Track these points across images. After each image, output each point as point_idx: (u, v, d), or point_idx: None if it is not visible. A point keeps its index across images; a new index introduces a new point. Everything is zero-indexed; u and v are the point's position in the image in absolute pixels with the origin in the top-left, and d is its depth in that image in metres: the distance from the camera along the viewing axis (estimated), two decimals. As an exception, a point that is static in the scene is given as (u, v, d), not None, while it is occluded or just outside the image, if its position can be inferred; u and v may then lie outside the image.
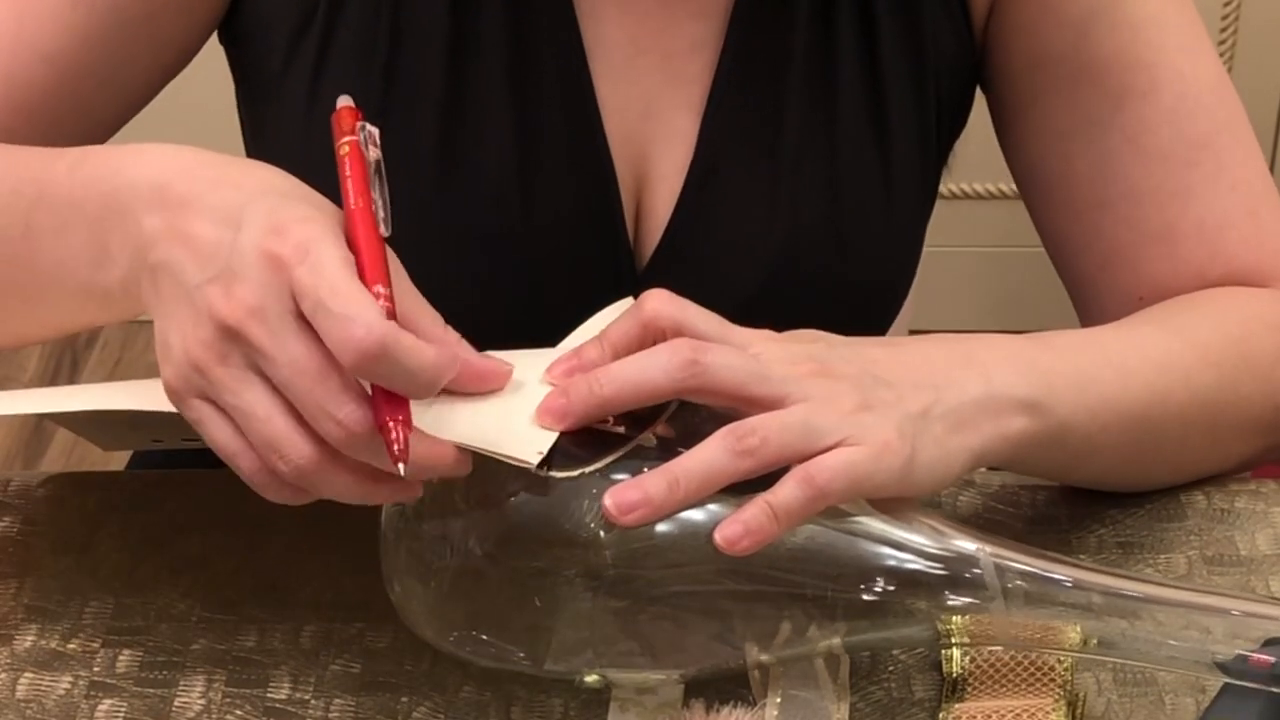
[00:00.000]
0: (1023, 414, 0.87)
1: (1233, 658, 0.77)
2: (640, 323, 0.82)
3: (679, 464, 0.78)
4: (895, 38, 1.03)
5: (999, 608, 0.80)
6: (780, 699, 0.82)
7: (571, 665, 0.81)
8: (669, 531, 0.78)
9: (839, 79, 1.03)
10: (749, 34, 1.02)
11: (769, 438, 0.79)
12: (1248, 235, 1.02)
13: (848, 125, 1.04)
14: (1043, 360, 0.90)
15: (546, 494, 0.78)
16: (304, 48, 1.01)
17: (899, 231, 1.08)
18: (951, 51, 1.05)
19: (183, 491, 0.98)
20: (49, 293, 0.88)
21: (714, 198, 1.03)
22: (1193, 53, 1.03)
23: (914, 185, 1.07)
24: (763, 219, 1.03)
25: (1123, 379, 0.92)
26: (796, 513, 0.78)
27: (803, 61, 1.02)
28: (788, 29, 1.02)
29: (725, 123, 1.03)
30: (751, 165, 1.03)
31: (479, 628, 0.80)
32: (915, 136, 1.06)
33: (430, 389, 0.75)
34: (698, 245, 1.03)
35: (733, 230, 1.03)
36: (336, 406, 0.75)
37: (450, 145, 1.01)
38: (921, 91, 1.05)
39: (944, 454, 0.84)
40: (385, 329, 0.73)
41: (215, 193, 0.79)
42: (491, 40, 1.00)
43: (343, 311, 0.74)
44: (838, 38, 1.03)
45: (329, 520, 0.95)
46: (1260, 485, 0.99)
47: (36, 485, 0.99)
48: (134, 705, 0.86)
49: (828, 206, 1.04)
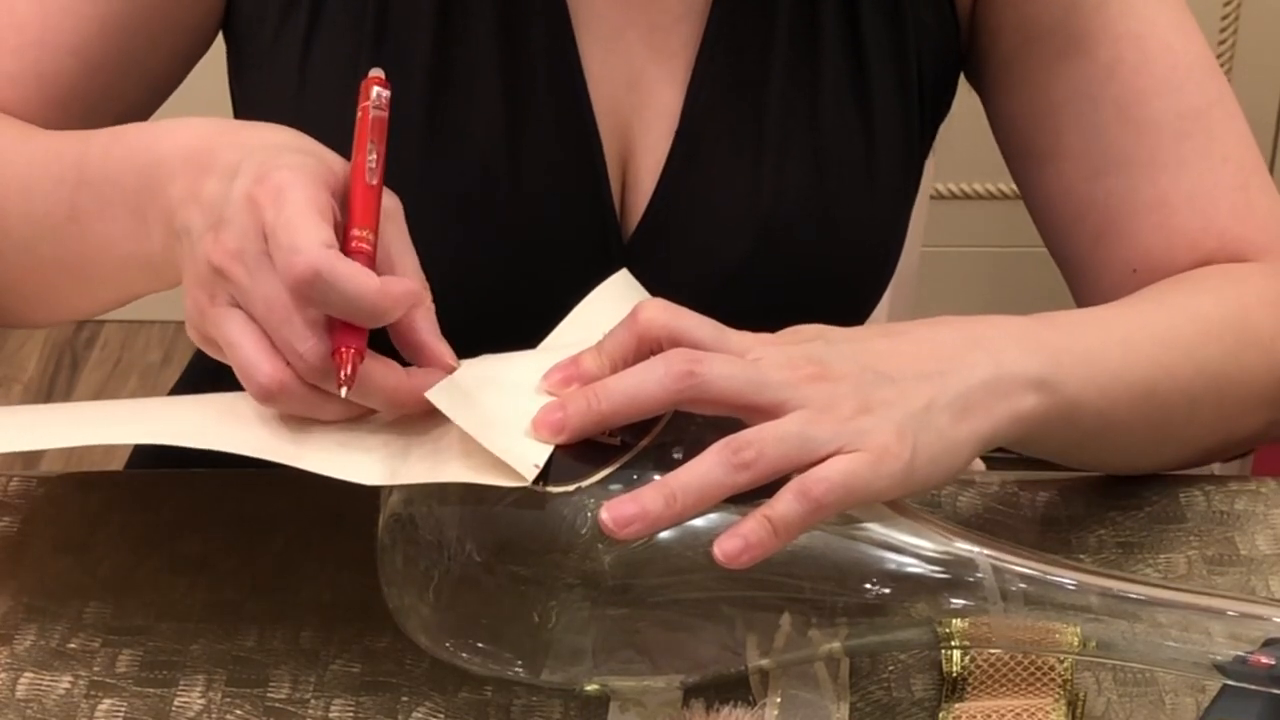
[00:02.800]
0: (1033, 392, 0.87)
1: (1232, 659, 0.77)
2: (635, 334, 0.82)
3: (675, 478, 0.78)
4: (877, 14, 1.04)
5: (998, 610, 0.80)
6: (780, 699, 0.82)
7: (569, 674, 0.80)
8: (666, 540, 0.78)
9: (822, 54, 1.04)
10: (734, 7, 1.03)
11: (765, 450, 0.78)
12: (1239, 207, 1.03)
13: (830, 99, 1.04)
14: (1051, 338, 0.90)
15: (543, 505, 0.78)
16: (294, 18, 1.02)
17: (882, 208, 1.08)
18: (934, 31, 1.06)
19: (183, 491, 0.98)
20: (99, 267, 0.93)
21: (698, 169, 1.04)
22: (1180, 29, 1.04)
23: (897, 162, 1.07)
24: (747, 191, 1.04)
25: (1129, 354, 0.93)
26: (795, 525, 0.78)
27: (786, 35, 1.04)
28: (772, 4, 1.03)
29: (709, 95, 1.04)
30: (736, 137, 1.04)
31: (476, 636, 0.80)
32: (898, 113, 1.06)
33: (374, 317, 0.80)
34: (682, 216, 1.04)
35: (717, 202, 1.04)
36: (299, 341, 0.80)
37: (438, 114, 1.02)
38: (903, 69, 1.06)
39: (949, 445, 0.83)
40: (320, 257, 0.79)
41: (225, 153, 0.85)
42: (479, 10, 1.01)
43: (287, 242, 0.79)
44: (820, 13, 1.04)
45: (329, 520, 0.95)
46: (1260, 485, 0.99)
47: (36, 485, 0.99)
48: (134, 705, 0.86)
49: (811, 179, 1.04)
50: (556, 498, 0.78)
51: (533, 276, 1.02)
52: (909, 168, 1.09)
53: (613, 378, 0.80)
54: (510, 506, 0.78)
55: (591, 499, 0.78)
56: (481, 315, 0.85)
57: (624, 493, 0.77)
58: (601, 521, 0.76)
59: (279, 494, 0.97)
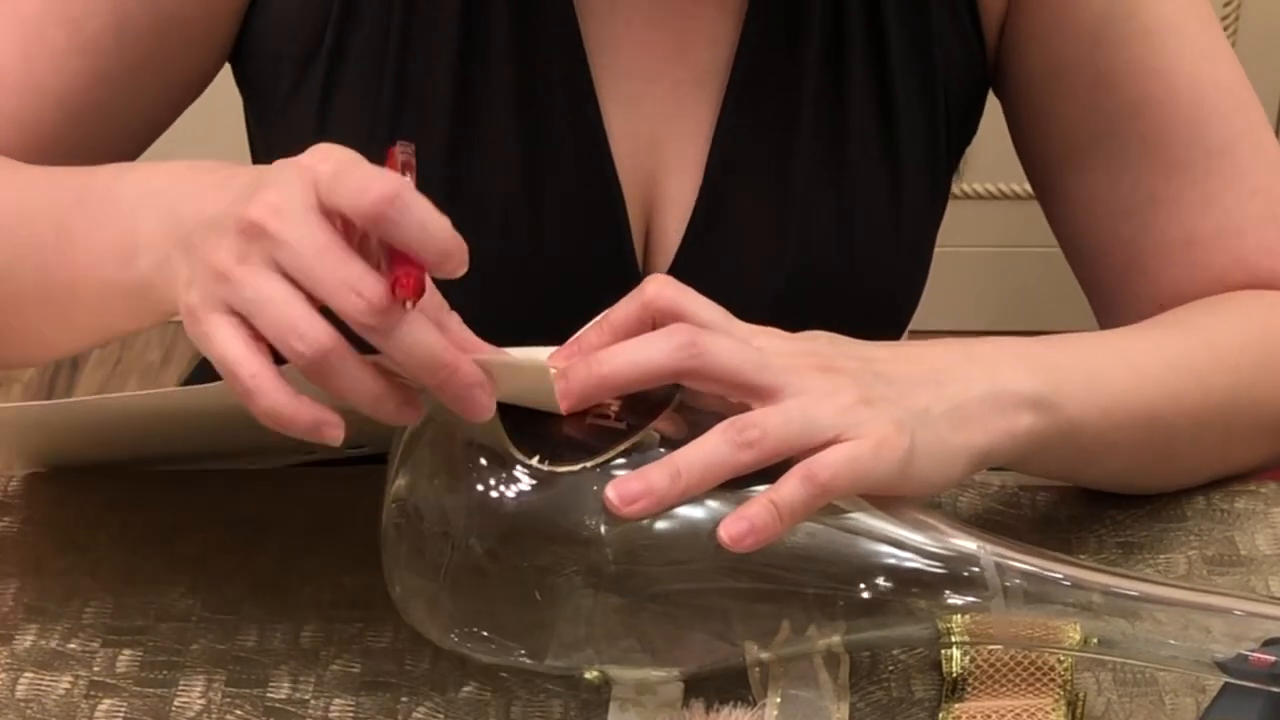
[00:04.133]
0: (1030, 411, 0.87)
1: (1233, 657, 0.77)
2: (641, 304, 0.82)
3: (681, 455, 0.78)
4: (905, 53, 1.03)
5: (999, 606, 0.80)
6: (780, 699, 0.82)
7: (572, 661, 0.81)
8: (669, 528, 0.78)
9: (849, 99, 1.03)
10: (758, 60, 1.02)
11: (769, 430, 0.79)
12: (1268, 241, 1.02)
13: (857, 147, 1.03)
14: (1051, 358, 0.90)
15: (547, 489, 0.79)
16: (311, 75, 1.01)
17: (908, 248, 1.08)
18: (960, 62, 1.05)
19: (183, 491, 0.98)
20: (79, 294, 0.88)
21: (722, 225, 1.03)
22: (1210, 58, 1.02)
23: (923, 201, 1.07)
24: (772, 245, 1.03)
25: (1135, 377, 0.92)
26: (800, 509, 0.78)
27: (813, 84, 1.02)
28: (797, 53, 1.02)
29: (734, 150, 1.03)
30: (760, 192, 1.03)
31: (480, 624, 0.80)
32: (924, 151, 1.05)
33: (443, 251, 0.75)
34: (707, 272, 1.02)
35: (742, 257, 1.03)
36: (358, 280, 0.75)
37: (458, 173, 1.01)
38: (931, 104, 1.05)
39: (946, 451, 0.83)
40: (399, 180, 0.75)
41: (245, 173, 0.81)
42: (499, 69, 1.00)
43: (359, 173, 0.76)
44: (848, 56, 1.02)
45: (329, 520, 0.95)
46: (1260, 485, 0.99)
47: (36, 485, 0.99)
48: (134, 705, 0.86)
49: (837, 231, 1.04)
50: (562, 480, 0.78)
51: (558, 338, 1.01)
52: (934, 202, 1.09)
53: (614, 345, 0.81)
54: (514, 492, 0.79)
55: (595, 485, 0.78)
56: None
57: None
58: (607, 499, 0.77)
59: (279, 494, 0.97)
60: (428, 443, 0.81)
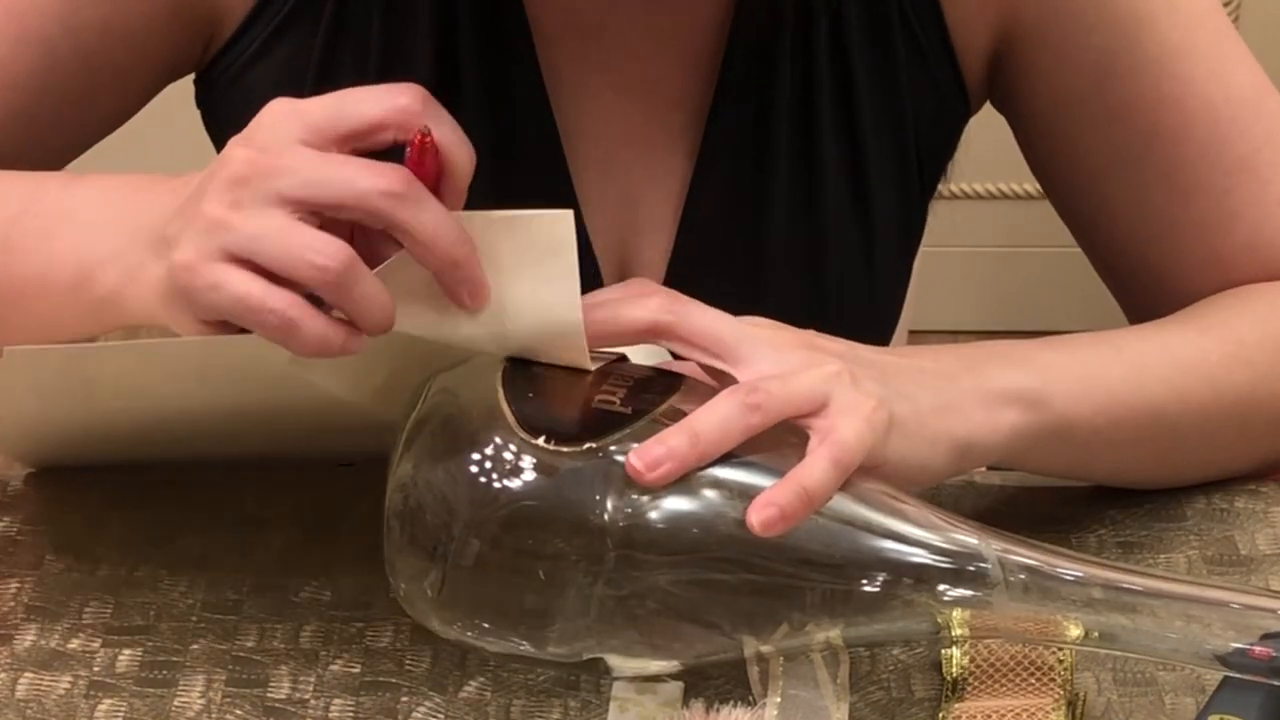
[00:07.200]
0: (1015, 406, 0.87)
1: (1233, 651, 0.77)
2: (625, 290, 0.84)
3: (695, 419, 0.78)
4: (874, 106, 1.02)
5: (1001, 600, 0.80)
6: (780, 699, 0.82)
7: (573, 649, 0.81)
8: (671, 517, 0.78)
9: (820, 157, 1.02)
10: (729, 121, 1.02)
11: (772, 392, 0.79)
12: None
13: (829, 204, 1.03)
14: (1042, 356, 0.90)
15: (553, 471, 0.79)
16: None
17: (881, 296, 1.08)
18: (931, 105, 1.04)
19: (183, 491, 0.98)
20: (27, 304, 0.88)
21: (696, 286, 1.02)
22: (1223, 76, 1.00)
23: (895, 250, 1.07)
24: (745, 305, 1.03)
25: (1136, 375, 0.92)
26: (827, 488, 0.78)
27: (784, 144, 1.02)
28: (768, 113, 1.01)
29: (706, 210, 1.03)
30: (733, 252, 1.03)
31: (482, 614, 0.80)
32: (896, 201, 1.05)
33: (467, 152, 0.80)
34: None
35: None
36: (379, 174, 0.77)
37: None
38: (902, 152, 1.04)
39: (925, 433, 0.84)
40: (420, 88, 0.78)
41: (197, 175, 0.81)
42: (471, 135, 1.00)
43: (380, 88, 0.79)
44: (817, 115, 1.02)
45: (329, 520, 0.95)
46: (1260, 485, 0.99)
47: (36, 485, 0.99)
48: (134, 705, 0.86)
49: (810, 288, 1.04)
50: (564, 465, 0.79)
51: None
52: (908, 247, 1.09)
53: (594, 298, 0.82)
54: (519, 474, 0.79)
55: (599, 474, 0.78)
56: None
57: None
58: (630, 467, 0.77)
59: (279, 494, 0.97)
60: (432, 428, 0.81)
